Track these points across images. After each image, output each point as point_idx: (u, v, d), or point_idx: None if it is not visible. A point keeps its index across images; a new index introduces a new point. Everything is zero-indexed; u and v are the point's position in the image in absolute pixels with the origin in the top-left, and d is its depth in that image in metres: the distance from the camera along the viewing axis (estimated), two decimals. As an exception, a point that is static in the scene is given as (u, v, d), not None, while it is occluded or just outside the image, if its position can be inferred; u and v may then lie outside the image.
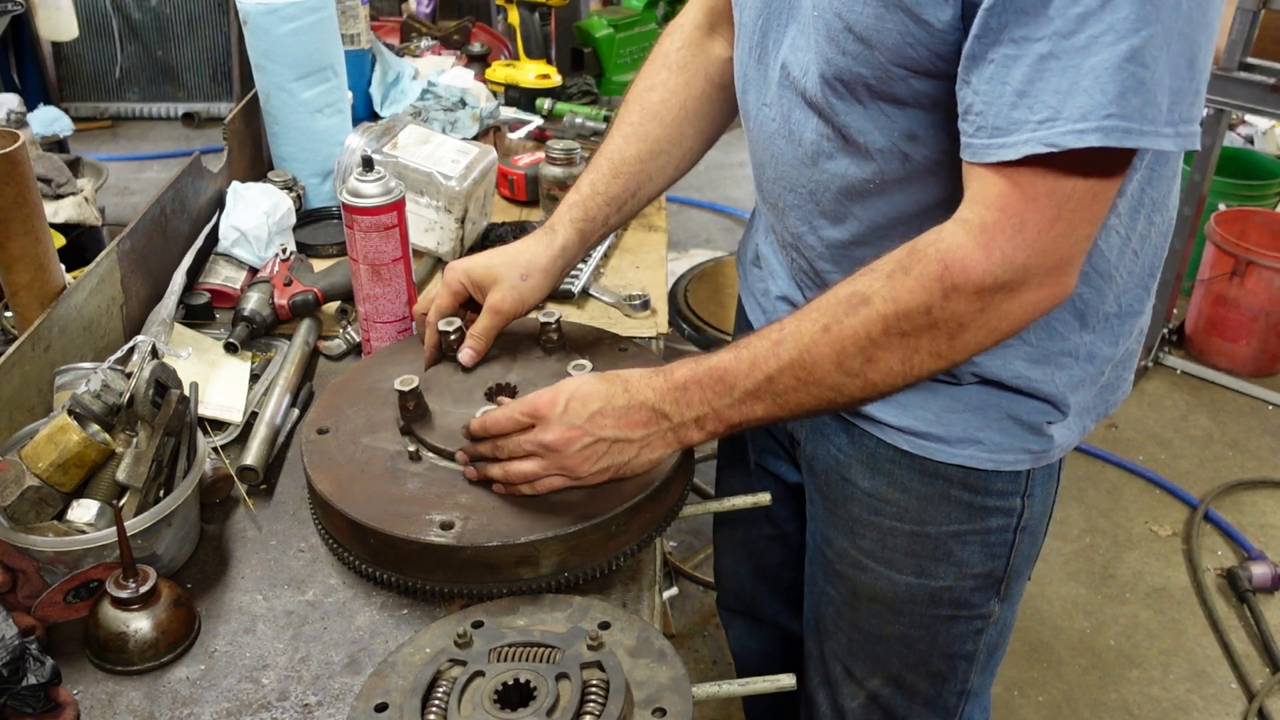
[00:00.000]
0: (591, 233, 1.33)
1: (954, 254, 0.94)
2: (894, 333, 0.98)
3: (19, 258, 1.28)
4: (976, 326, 0.97)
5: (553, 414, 1.05)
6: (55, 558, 1.04)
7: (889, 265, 0.98)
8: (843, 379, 1.01)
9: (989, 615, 1.30)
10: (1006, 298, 0.95)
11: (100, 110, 5.18)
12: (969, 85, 0.92)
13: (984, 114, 0.91)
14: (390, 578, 1.07)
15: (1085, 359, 1.15)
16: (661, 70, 1.35)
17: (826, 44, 1.02)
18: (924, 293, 0.96)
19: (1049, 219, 0.92)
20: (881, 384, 1.02)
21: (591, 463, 1.06)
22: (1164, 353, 3.69)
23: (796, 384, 1.02)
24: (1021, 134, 0.89)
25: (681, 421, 1.06)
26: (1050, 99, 0.87)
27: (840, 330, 0.99)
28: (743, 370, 1.04)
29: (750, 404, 1.04)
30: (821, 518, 1.34)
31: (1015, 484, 1.20)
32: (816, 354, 1.00)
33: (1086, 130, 0.86)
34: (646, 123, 1.34)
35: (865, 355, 0.99)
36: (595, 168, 1.34)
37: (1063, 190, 0.91)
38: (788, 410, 1.05)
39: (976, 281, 0.94)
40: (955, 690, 1.36)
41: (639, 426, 1.06)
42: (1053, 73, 0.87)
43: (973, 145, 0.93)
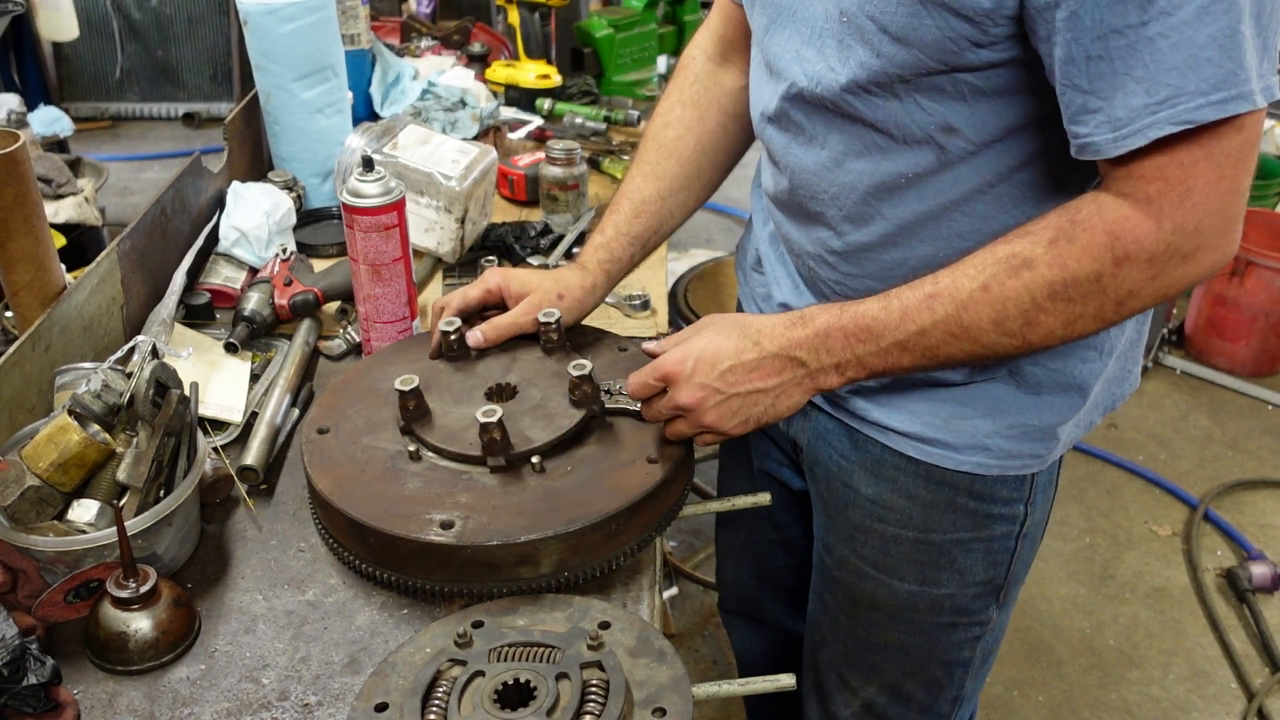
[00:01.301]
0: (618, 273, 1.35)
1: (1122, 225, 0.93)
2: (1060, 298, 0.96)
3: (19, 258, 1.28)
4: (1146, 293, 0.96)
5: (682, 375, 1.07)
6: (56, 558, 1.04)
7: (1048, 231, 0.96)
8: (999, 338, 0.99)
9: (987, 622, 1.30)
10: (1180, 263, 0.94)
11: (100, 110, 5.19)
12: (1074, 86, 0.91)
13: (1102, 109, 0.90)
14: (390, 577, 1.07)
15: (1106, 353, 1.15)
16: (676, 106, 1.37)
17: (861, 48, 1.01)
18: (1094, 261, 0.94)
19: (1214, 180, 0.91)
20: (1038, 344, 1.00)
21: (729, 418, 1.07)
22: (1164, 353, 3.69)
23: (949, 339, 1.00)
24: (1144, 119, 0.88)
25: (820, 368, 1.06)
26: (1169, 78, 0.87)
27: (1001, 290, 0.97)
28: (893, 321, 1.02)
29: (897, 355, 1.03)
30: (823, 524, 1.34)
31: (1020, 491, 1.20)
32: (974, 312, 0.98)
33: (1225, 100, 0.86)
34: (664, 160, 1.35)
35: (1026, 318, 0.97)
36: (617, 208, 1.36)
37: (1220, 152, 0.90)
38: (935, 363, 1.04)
39: (1149, 250, 0.93)
40: (950, 697, 1.36)
41: (772, 376, 1.06)
42: (1164, 52, 0.86)
43: (1096, 143, 0.92)
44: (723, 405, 1.07)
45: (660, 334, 1.58)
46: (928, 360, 1.03)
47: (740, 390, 1.06)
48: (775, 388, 1.07)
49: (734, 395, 1.06)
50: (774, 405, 1.08)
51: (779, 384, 1.06)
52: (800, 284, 1.24)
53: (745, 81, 1.31)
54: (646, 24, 2.60)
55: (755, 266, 1.35)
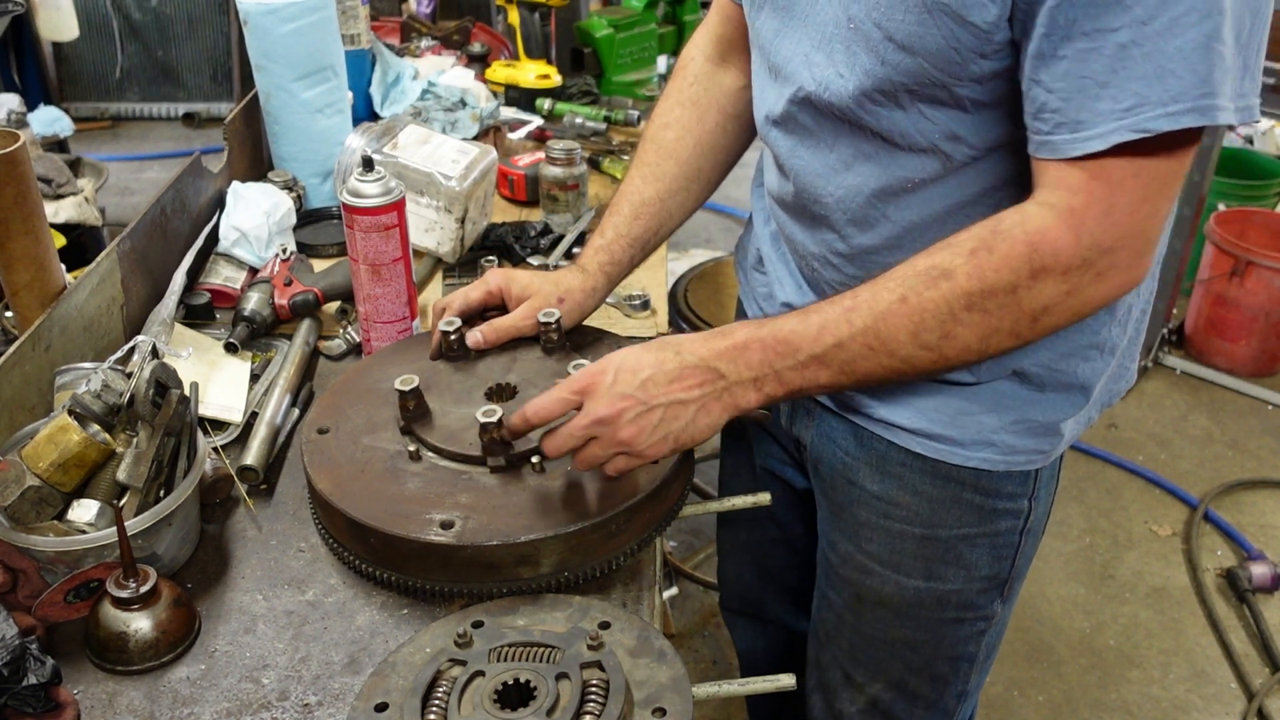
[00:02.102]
0: (618, 275, 1.35)
1: (1043, 236, 0.93)
2: (976, 309, 0.96)
3: (19, 258, 1.28)
4: (1060, 310, 0.96)
5: (601, 386, 1.02)
6: (55, 558, 1.04)
7: (970, 242, 0.97)
8: (916, 351, 0.99)
9: (992, 616, 1.30)
10: (1094, 281, 0.94)
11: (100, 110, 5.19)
12: (1040, 84, 0.91)
13: (1062, 109, 0.90)
14: (390, 577, 1.07)
15: (1109, 351, 1.15)
16: (675, 108, 1.37)
17: (866, 55, 1.01)
18: (1010, 272, 0.94)
19: (1137, 200, 0.91)
20: (955, 359, 1.00)
21: (648, 434, 1.02)
22: (1164, 353, 3.69)
23: (867, 352, 1.00)
24: (1107, 124, 0.88)
25: (738, 380, 1.03)
26: (1136, 86, 0.87)
27: (919, 302, 0.97)
28: (810, 334, 1.01)
29: (815, 369, 1.02)
30: (827, 522, 1.34)
31: (1024, 486, 1.20)
32: (892, 324, 0.98)
33: (1180, 112, 0.86)
34: (663, 161, 1.35)
35: (943, 330, 0.97)
36: (616, 210, 1.35)
37: (1148, 171, 0.90)
38: (853, 379, 1.02)
39: (1066, 264, 0.93)
40: (955, 692, 1.36)
41: (693, 388, 1.02)
42: (1135, 60, 0.86)
43: (1053, 142, 0.92)
44: (642, 418, 1.01)
45: (660, 333, 1.58)
46: (846, 376, 1.02)
47: (661, 401, 1.01)
48: (696, 399, 1.02)
49: (655, 407, 1.01)
50: (694, 421, 1.03)
51: (700, 396, 1.02)
52: (803, 284, 1.24)
53: (745, 81, 1.31)
54: (646, 24, 2.60)
55: (757, 266, 1.35)
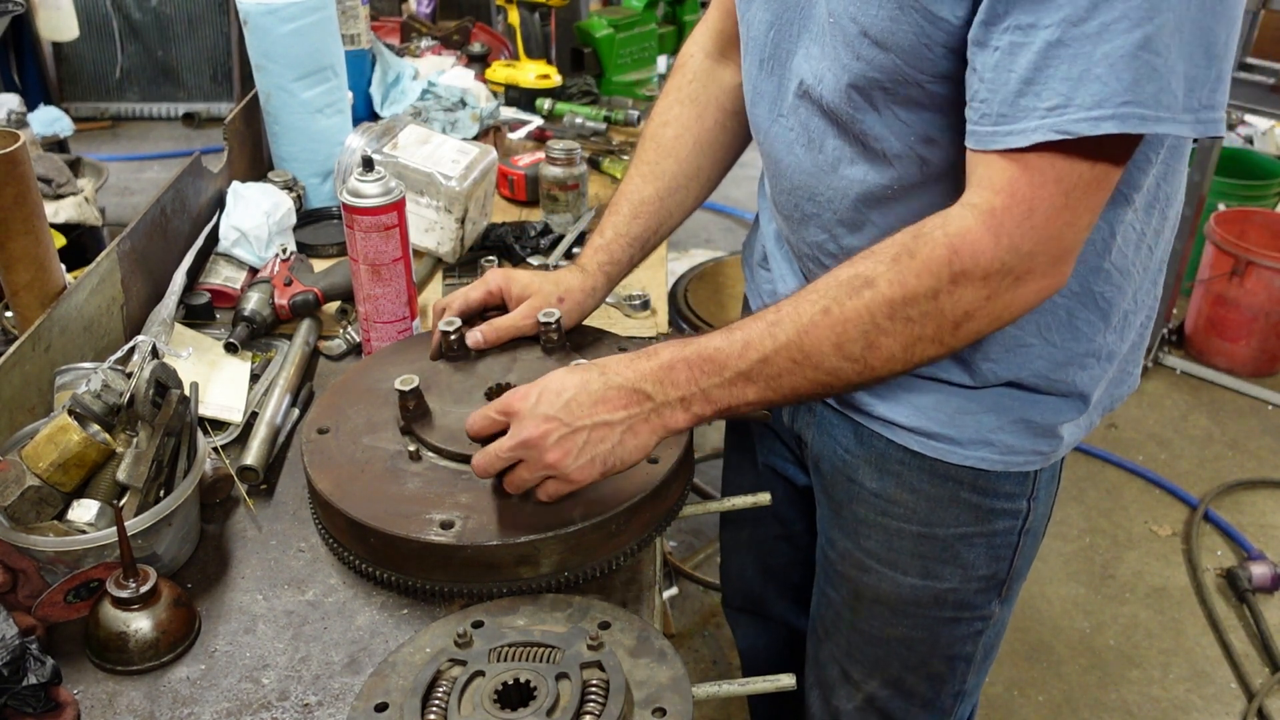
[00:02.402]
0: (617, 275, 1.35)
1: (963, 239, 0.93)
2: (899, 318, 0.96)
3: (19, 258, 1.28)
4: (981, 315, 0.96)
5: (525, 408, 1.01)
6: (56, 558, 1.04)
7: (893, 249, 0.96)
8: (841, 363, 0.98)
9: (989, 616, 1.30)
10: (1012, 285, 0.94)
11: (100, 110, 5.19)
12: (974, 72, 0.92)
13: (989, 100, 0.91)
14: (390, 577, 1.07)
15: (1106, 358, 1.15)
16: (675, 105, 1.37)
17: (844, 50, 1.01)
18: (931, 278, 0.94)
19: (1057, 206, 0.91)
20: (881, 369, 0.99)
21: (574, 456, 1.00)
22: (1164, 353, 3.69)
23: (792, 366, 0.99)
24: (1030, 121, 0.88)
25: (665, 401, 1.01)
26: (1060, 86, 0.87)
27: (841, 313, 0.96)
28: (735, 351, 1.00)
29: (741, 386, 1.00)
30: (827, 519, 1.34)
31: (1023, 486, 1.20)
32: (815, 336, 0.97)
33: (1101, 118, 0.86)
34: (662, 160, 1.35)
35: (866, 340, 0.97)
36: (615, 209, 1.35)
37: (1071, 176, 0.90)
38: (781, 394, 1.01)
39: (985, 267, 0.93)
40: (952, 691, 1.36)
41: (618, 409, 1.01)
42: (1062, 60, 0.86)
43: (978, 132, 0.93)
44: (567, 440, 1.00)
45: (661, 334, 1.58)
46: (773, 392, 1.00)
47: (585, 423, 1.00)
48: (622, 421, 1.01)
49: (579, 429, 1.00)
50: (621, 443, 1.01)
51: (626, 417, 1.01)
52: (804, 282, 1.25)
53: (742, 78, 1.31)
54: (646, 24, 2.60)
55: (762, 263, 1.36)
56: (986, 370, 1.13)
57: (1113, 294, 1.10)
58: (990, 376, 1.13)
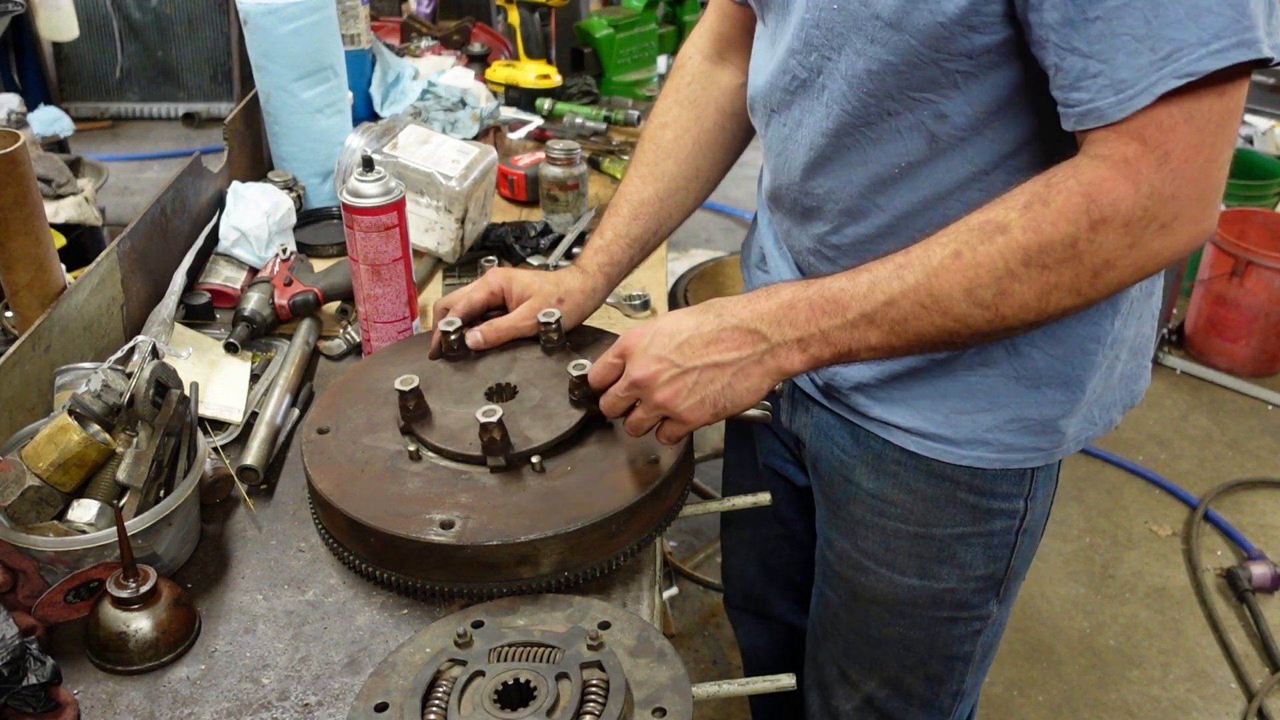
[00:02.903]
0: (618, 276, 1.35)
1: (1099, 186, 0.89)
2: (1034, 265, 0.92)
3: (19, 258, 1.28)
4: (1124, 264, 0.92)
5: (638, 348, 1.02)
6: (56, 558, 1.04)
7: (1024, 196, 0.93)
8: (971, 309, 0.94)
9: (988, 616, 1.30)
10: (1158, 234, 0.90)
11: (100, 110, 5.19)
12: (1075, 51, 0.89)
13: (1104, 72, 0.88)
14: (390, 577, 1.07)
15: (1110, 344, 1.14)
16: (674, 107, 1.37)
17: (855, 35, 1.00)
18: (1070, 224, 0.90)
19: (1193, 146, 0.88)
20: (1012, 318, 0.95)
21: (684, 397, 1.00)
22: (1164, 353, 3.69)
23: (919, 310, 0.95)
24: (1150, 76, 0.86)
25: (782, 341, 0.99)
26: (1172, 31, 0.85)
27: (974, 257, 0.93)
28: (860, 291, 0.96)
29: (864, 329, 0.97)
30: (825, 519, 1.34)
31: (1020, 486, 1.20)
32: (945, 280, 0.93)
33: (1225, 48, 0.84)
34: (661, 161, 1.35)
35: (999, 287, 0.93)
36: (615, 210, 1.35)
37: (1201, 114, 0.88)
38: (904, 340, 0.97)
39: (1126, 214, 0.89)
40: (951, 691, 1.36)
41: (730, 349, 0.99)
42: (1167, 5, 0.85)
43: (1099, 108, 0.89)
44: (677, 380, 1.00)
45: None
46: (897, 337, 0.97)
47: (696, 364, 0.99)
48: (734, 363, 0.99)
49: (689, 369, 0.99)
50: (731, 385, 1.00)
51: (738, 359, 0.99)
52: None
53: (743, 80, 1.31)
54: (646, 24, 2.60)
55: (760, 264, 1.36)
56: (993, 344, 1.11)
57: None
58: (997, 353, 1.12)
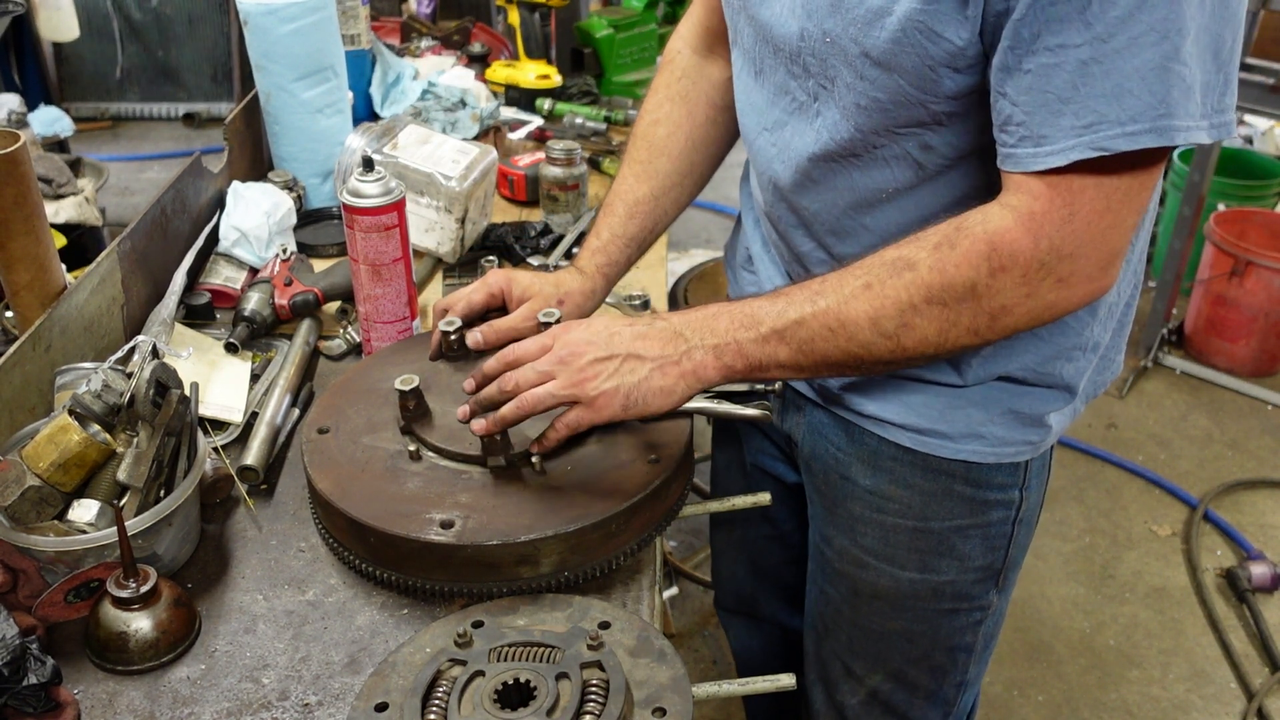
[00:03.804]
0: (616, 275, 1.35)
1: (1001, 236, 0.94)
2: (935, 302, 0.97)
3: (20, 258, 1.28)
4: (1020, 311, 0.97)
5: (572, 331, 1.07)
6: (56, 557, 1.04)
7: (935, 237, 0.98)
8: (875, 338, 1.00)
9: (988, 606, 1.31)
10: (1054, 287, 0.95)
11: (101, 110, 5.19)
12: (1005, 97, 0.92)
13: (1026, 124, 0.91)
14: (390, 577, 1.07)
15: (1091, 350, 1.16)
16: (665, 103, 1.37)
17: (845, 70, 1.02)
18: (970, 269, 0.95)
19: (1098, 210, 0.92)
20: (913, 350, 1.00)
21: (602, 380, 1.04)
22: (1164, 353, 3.69)
23: (826, 333, 1.01)
24: (1068, 140, 0.89)
25: (699, 345, 1.05)
26: (1096, 104, 0.87)
27: (882, 290, 0.98)
28: (775, 310, 1.03)
29: (775, 344, 1.03)
30: (821, 517, 1.35)
31: (1014, 477, 1.21)
32: (853, 308, 0.99)
33: (1139, 132, 0.87)
34: (655, 159, 1.35)
35: (902, 319, 0.99)
36: (610, 210, 1.36)
37: (1110, 184, 0.91)
38: (811, 360, 1.03)
39: (1024, 266, 0.94)
40: (955, 682, 1.37)
41: (654, 345, 1.05)
42: (1095, 78, 0.87)
43: (1016, 155, 0.93)
44: (600, 363, 1.04)
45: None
46: (804, 356, 1.03)
47: (620, 351, 1.04)
48: (655, 358, 1.04)
49: (613, 355, 1.04)
50: (648, 379, 1.04)
51: (660, 355, 1.04)
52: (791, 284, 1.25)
53: (729, 72, 1.31)
54: (646, 24, 2.60)
55: (746, 265, 1.36)
56: (976, 367, 1.14)
57: None
58: (981, 373, 1.14)
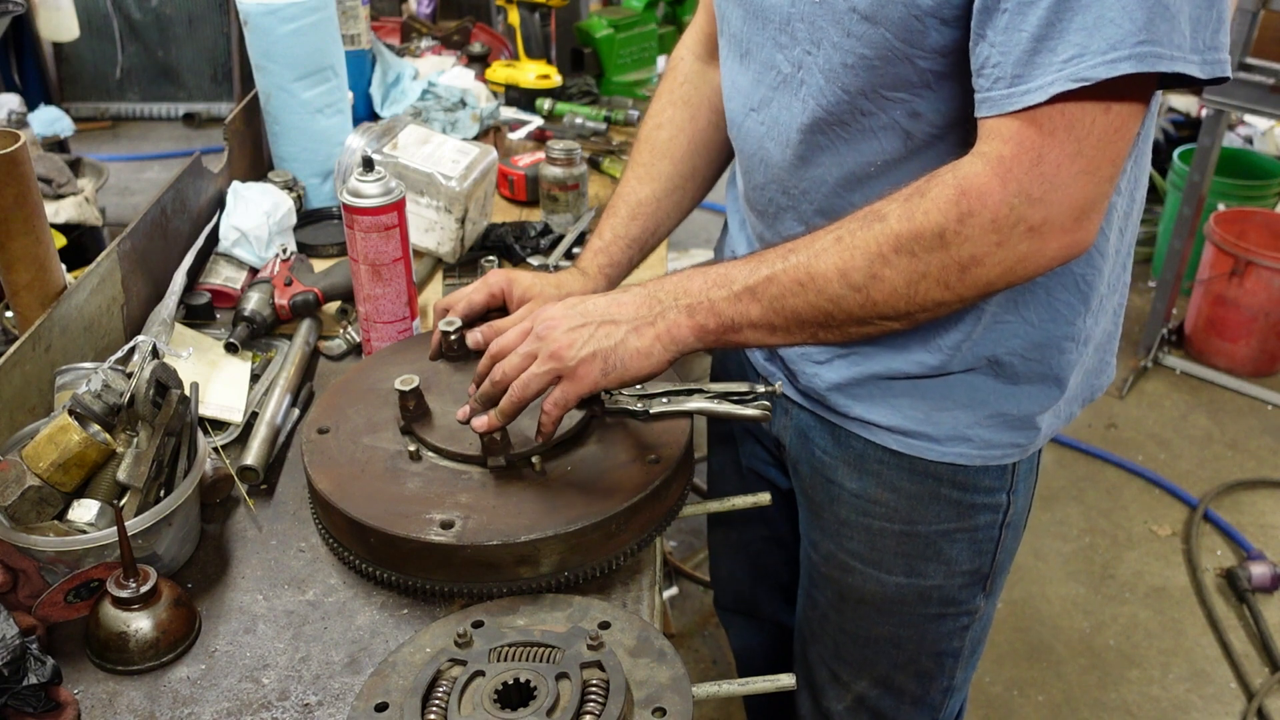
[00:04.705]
0: (618, 277, 1.36)
1: (970, 181, 0.93)
2: (904, 251, 0.96)
3: (20, 258, 1.28)
4: (991, 263, 0.95)
5: (549, 307, 1.08)
6: (56, 557, 1.05)
7: (907, 190, 0.97)
8: (844, 290, 0.98)
9: (975, 611, 1.31)
10: (1025, 237, 0.93)
11: (101, 110, 5.19)
12: (984, 39, 0.91)
13: (1001, 64, 0.90)
14: (390, 577, 1.07)
15: (1084, 343, 1.15)
16: (668, 108, 1.38)
17: (833, 29, 1.02)
18: (939, 214, 0.94)
19: (1069, 154, 0.90)
20: (883, 304, 0.99)
21: (578, 347, 1.03)
22: (1163, 353, 3.69)
23: (796, 288, 1.00)
24: (1046, 75, 0.88)
25: (673, 305, 1.04)
26: (1075, 36, 0.86)
27: (852, 241, 0.98)
28: (748, 268, 1.03)
29: (747, 301, 1.02)
30: (808, 521, 1.34)
31: (1002, 480, 1.21)
32: (823, 261, 0.99)
33: (1118, 59, 0.85)
34: (658, 161, 1.36)
35: (871, 270, 0.97)
36: (613, 211, 1.36)
37: (1083, 125, 0.89)
38: (782, 318, 1.02)
39: (992, 210, 0.92)
40: (941, 687, 1.37)
41: (628, 309, 1.05)
42: (1074, 11, 0.86)
43: (991, 98, 0.92)
44: (576, 331, 1.04)
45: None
46: (775, 314, 1.02)
47: (594, 318, 1.05)
48: (629, 320, 1.04)
49: (589, 323, 1.04)
50: (624, 341, 1.04)
51: (634, 317, 1.05)
52: None
53: None
54: (646, 24, 2.60)
55: None
56: (965, 350, 1.12)
57: (1092, 276, 1.10)
58: (969, 357, 1.13)
